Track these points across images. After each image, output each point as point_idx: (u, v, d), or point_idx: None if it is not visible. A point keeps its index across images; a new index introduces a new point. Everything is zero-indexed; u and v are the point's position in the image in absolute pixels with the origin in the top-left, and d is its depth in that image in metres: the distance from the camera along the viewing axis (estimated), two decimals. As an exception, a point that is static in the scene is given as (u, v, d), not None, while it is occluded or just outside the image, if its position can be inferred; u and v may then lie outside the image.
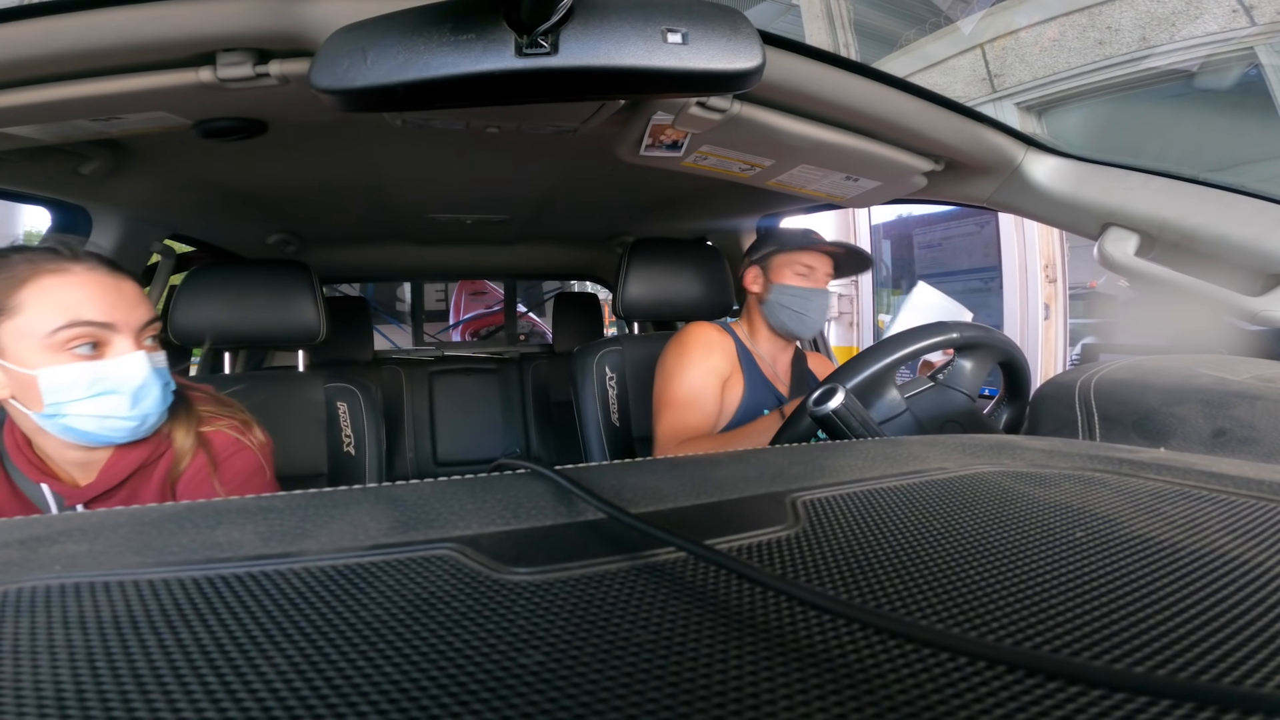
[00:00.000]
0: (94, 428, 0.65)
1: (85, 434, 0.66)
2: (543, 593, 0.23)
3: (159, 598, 0.23)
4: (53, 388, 0.63)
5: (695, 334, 1.20)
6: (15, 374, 0.63)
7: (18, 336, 0.63)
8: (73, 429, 0.65)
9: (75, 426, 0.65)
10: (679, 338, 1.22)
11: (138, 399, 0.66)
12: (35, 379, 0.62)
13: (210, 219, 1.42)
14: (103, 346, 0.65)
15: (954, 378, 0.81)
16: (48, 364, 0.63)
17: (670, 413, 1.15)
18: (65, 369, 0.63)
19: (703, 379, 1.16)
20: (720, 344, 1.19)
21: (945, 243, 4.25)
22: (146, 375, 0.67)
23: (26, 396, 0.64)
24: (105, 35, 0.58)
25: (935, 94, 0.83)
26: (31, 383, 0.63)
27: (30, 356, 0.62)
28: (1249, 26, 3.31)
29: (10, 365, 0.63)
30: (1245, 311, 0.78)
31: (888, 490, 0.36)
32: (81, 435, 0.66)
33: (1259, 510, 0.32)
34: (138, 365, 0.66)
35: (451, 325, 4.33)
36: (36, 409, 0.64)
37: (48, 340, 0.62)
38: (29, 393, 0.63)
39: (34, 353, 0.63)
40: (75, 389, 0.63)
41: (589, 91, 0.48)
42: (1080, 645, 0.20)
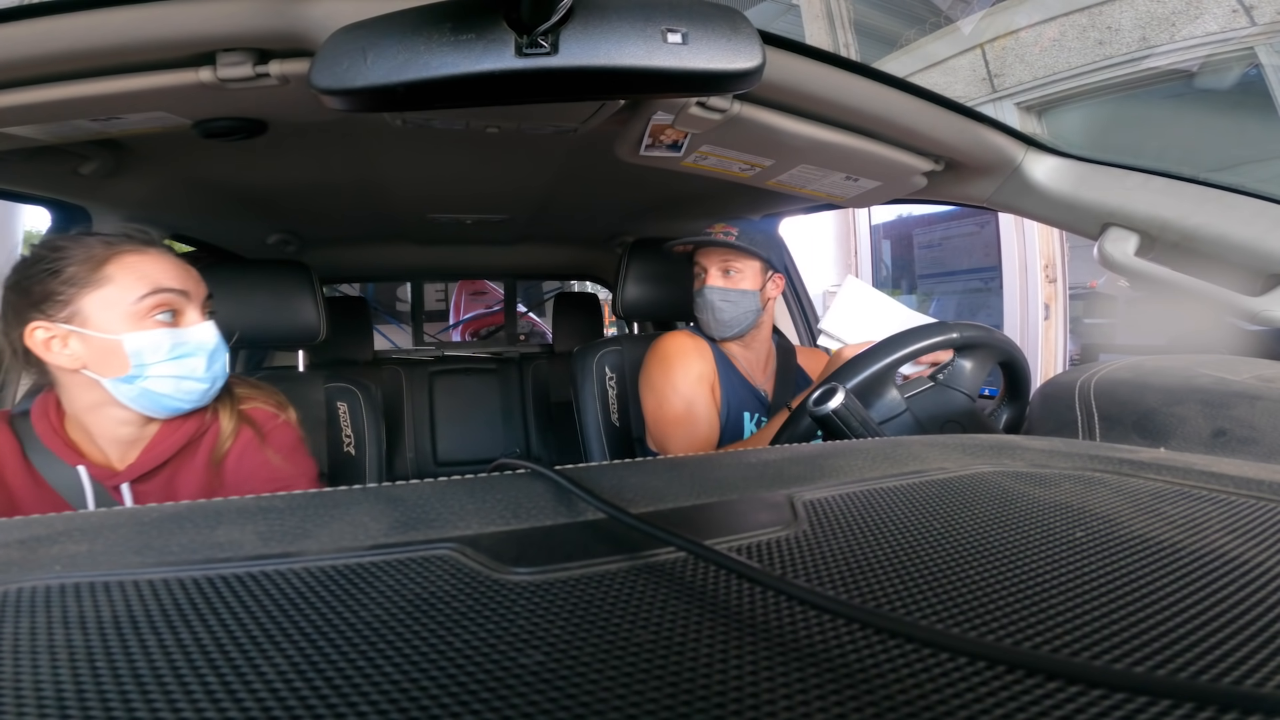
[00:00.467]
0: (171, 389, 0.70)
1: (160, 397, 0.70)
2: (543, 593, 0.23)
3: (159, 598, 0.23)
4: (137, 350, 0.68)
5: (670, 344, 1.17)
6: (97, 342, 0.67)
7: (105, 306, 0.68)
8: (150, 392, 0.70)
9: (153, 389, 0.70)
10: (657, 351, 1.18)
11: (211, 362, 0.73)
12: (120, 343, 0.68)
13: (210, 219, 1.42)
14: (179, 315, 0.71)
15: (954, 378, 0.81)
16: (130, 330, 0.68)
17: (677, 431, 1.12)
18: (149, 334, 0.69)
19: (692, 387, 1.13)
20: (697, 349, 1.16)
21: (945, 243, 4.26)
22: (218, 340, 0.74)
23: (105, 364, 0.68)
24: (105, 35, 0.58)
25: (935, 94, 0.83)
26: (115, 348, 0.68)
27: (114, 324, 0.68)
28: (1249, 26, 3.31)
29: (94, 333, 0.67)
30: (1245, 311, 0.78)
31: (888, 490, 0.36)
32: (155, 399, 0.70)
33: (1259, 510, 0.32)
34: (210, 331, 0.74)
35: (451, 325, 4.32)
36: (118, 373, 0.68)
37: (134, 307, 0.68)
38: (110, 359, 0.68)
39: (118, 321, 0.68)
40: (159, 351, 0.69)
41: (589, 91, 0.48)
42: (1080, 645, 0.20)
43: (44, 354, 0.68)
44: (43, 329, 0.67)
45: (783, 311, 1.75)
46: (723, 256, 1.15)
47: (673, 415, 1.13)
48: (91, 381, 0.69)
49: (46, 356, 0.68)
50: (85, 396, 0.71)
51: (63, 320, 0.67)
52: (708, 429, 1.12)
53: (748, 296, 1.14)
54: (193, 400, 0.73)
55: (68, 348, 0.68)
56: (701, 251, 1.17)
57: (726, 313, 1.14)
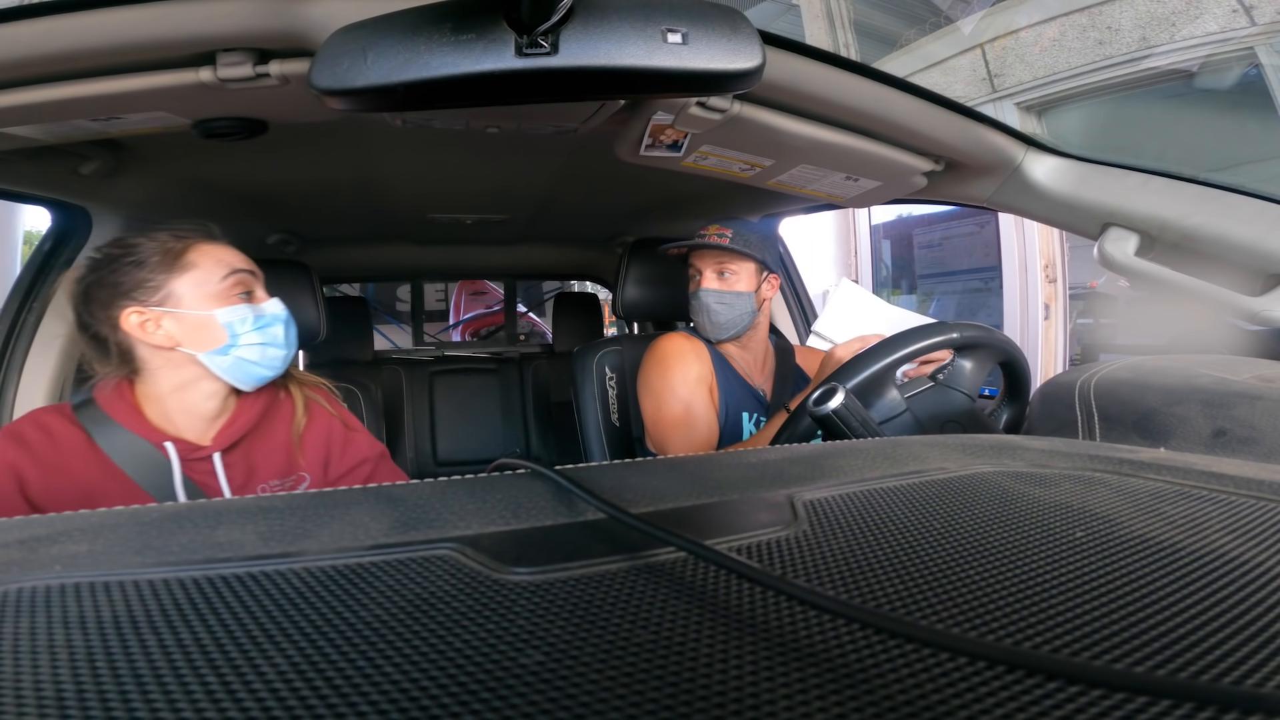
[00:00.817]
0: (258, 356, 0.78)
1: (249, 365, 0.78)
2: (543, 593, 0.23)
3: (159, 598, 0.23)
4: (229, 323, 0.76)
5: (667, 345, 1.17)
6: (191, 319, 0.75)
7: (194, 286, 0.75)
8: (242, 360, 0.77)
9: (245, 357, 0.77)
10: (654, 353, 1.18)
11: (287, 328, 0.82)
12: (214, 317, 0.75)
13: (210, 219, 1.42)
14: (253, 294, 0.80)
15: (954, 378, 0.81)
16: (218, 307, 0.76)
17: (676, 434, 1.12)
18: (235, 309, 0.77)
19: (691, 388, 1.12)
20: (694, 350, 1.16)
21: (945, 243, 4.25)
22: (287, 313, 0.83)
23: (199, 338, 0.75)
24: (105, 35, 0.58)
25: (935, 94, 0.83)
26: (209, 322, 0.75)
27: (204, 303, 0.75)
28: (1249, 26, 3.31)
29: (188, 311, 0.75)
30: (1245, 311, 0.78)
31: (888, 490, 0.36)
32: (245, 368, 0.78)
33: (1259, 510, 0.32)
34: (280, 305, 0.82)
35: (451, 325, 4.32)
36: (214, 345, 0.76)
37: (218, 287, 0.76)
38: (204, 333, 0.75)
39: (206, 300, 0.75)
40: (246, 323, 0.77)
41: (589, 91, 0.48)
42: (1080, 645, 0.20)
43: (140, 335, 0.74)
44: (136, 313, 0.73)
45: (782, 311, 1.75)
46: (717, 258, 1.15)
47: (671, 418, 1.13)
48: (184, 358, 0.76)
49: (142, 337, 0.74)
50: (175, 375, 0.77)
51: (155, 304, 0.74)
52: (707, 431, 1.12)
53: (743, 298, 1.14)
54: (275, 367, 0.80)
55: (161, 328, 0.74)
56: (696, 253, 1.17)
57: (722, 315, 1.14)
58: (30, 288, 1.16)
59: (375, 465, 0.91)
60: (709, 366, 1.16)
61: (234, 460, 0.80)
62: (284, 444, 0.84)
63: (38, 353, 1.16)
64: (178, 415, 0.78)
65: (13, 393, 1.15)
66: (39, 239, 1.23)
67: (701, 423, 1.12)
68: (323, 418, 0.89)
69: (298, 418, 0.86)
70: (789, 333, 1.74)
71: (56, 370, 1.17)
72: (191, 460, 0.77)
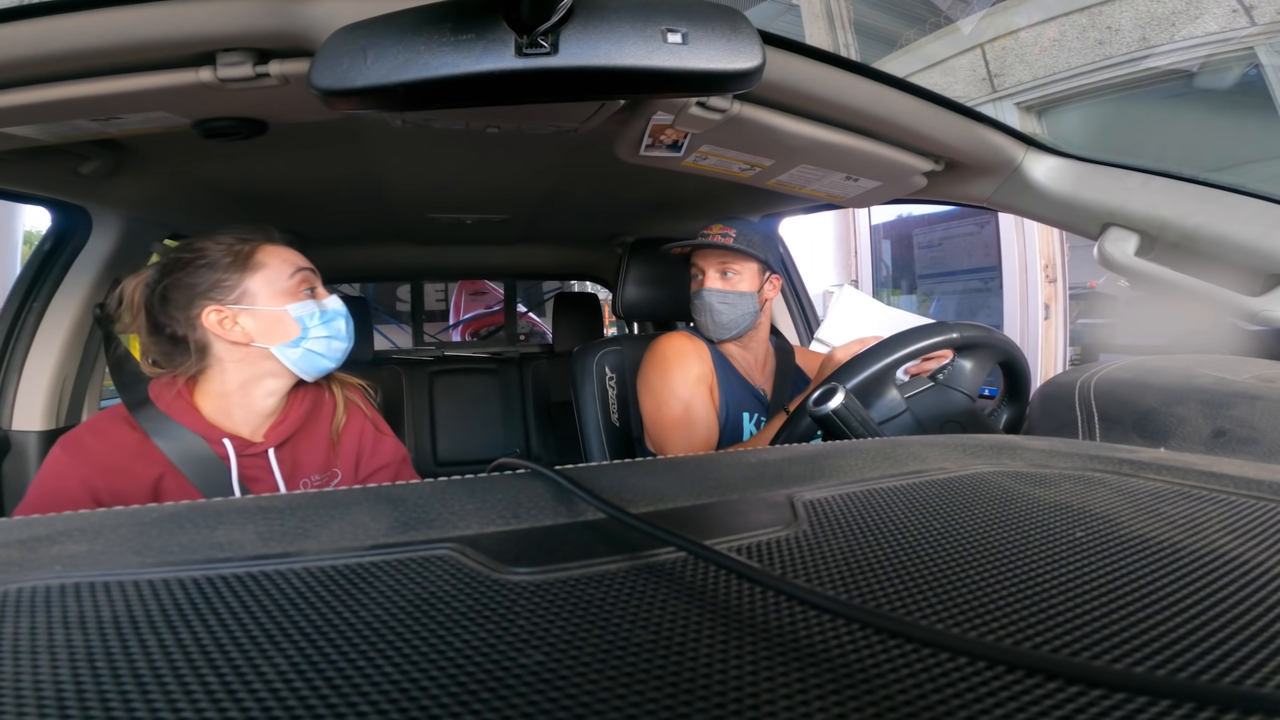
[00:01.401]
0: (324, 349, 0.83)
1: (316, 357, 0.82)
2: (543, 593, 0.23)
3: (159, 598, 0.23)
4: (300, 317, 0.81)
5: (668, 345, 1.16)
6: (266, 315, 0.79)
7: (266, 284, 0.80)
8: (310, 353, 0.82)
9: (313, 350, 0.82)
10: (655, 352, 1.18)
11: (348, 324, 0.87)
12: (287, 312, 0.80)
13: (210, 219, 1.42)
14: (315, 290, 0.84)
15: (954, 378, 0.81)
16: (290, 303, 0.80)
17: (675, 434, 1.11)
18: (303, 304, 0.82)
19: (691, 389, 1.12)
20: (695, 350, 1.15)
21: (945, 243, 4.25)
22: (345, 308, 0.87)
23: (273, 333, 0.80)
24: (105, 35, 0.58)
25: (935, 94, 0.83)
26: (283, 317, 0.80)
27: (276, 299, 0.80)
28: (1249, 26, 3.31)
29: (263, 308, 0.79)
30: (1245, 311, 0.78)
31: (888, 490, 0.36)
32: (312, 360, 0.82)
33: (1259, 510, 0.32)
34: (339, 302, 0.86)
35: (451, 325, 4.32)
36: (286, 339, 0.80)
37: (288, 284, 0.81)
38: (277, 328, 0.80)
39: (278, 296, 0.80)
40: (314, 317, 0.82)
41: (589, 91, 0.48)
42: (1080, 645, 0.20)
43: (219, 332, 0.78)
44: (215, 311, 0.78)
45: (782, 312, 1.75)
46: (720, 258, 1.15)
47: (671, 418, 1.13)
48: (258, 353, 0.80)
49: (220, 334, 0.78)
50: (244, 371, 0.81)
51: (233, 301, 0.78)
52: (706, 431, 1.12)
53: (746, 298, 1.14)
54: (337, 359, 0.85)
55: (238, 324, 0.79)
56: (699, 253, 1.17)
57: (725, 314, 1.14)
58: (30, 288, 1.16)
59: (398, 469, 0.95)
60: (709, 366, 1.16)
61: (283, 456, 0.84)
62: (324, 440, 0.89)
63: (38, 353, 1.16)
64: (237, 411, 0.82)
65: (13, 393, 1.15)
66: (39, 239, 1.23)
67: (701, 423, 1.12)
68: (358, 417, 0.93)
69: (338, 416, 0.91)
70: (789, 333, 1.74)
71: (56, 370, 1.17)
72: (246, 456, 0.81)
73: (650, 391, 1.16)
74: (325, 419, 0.90)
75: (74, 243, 1.17)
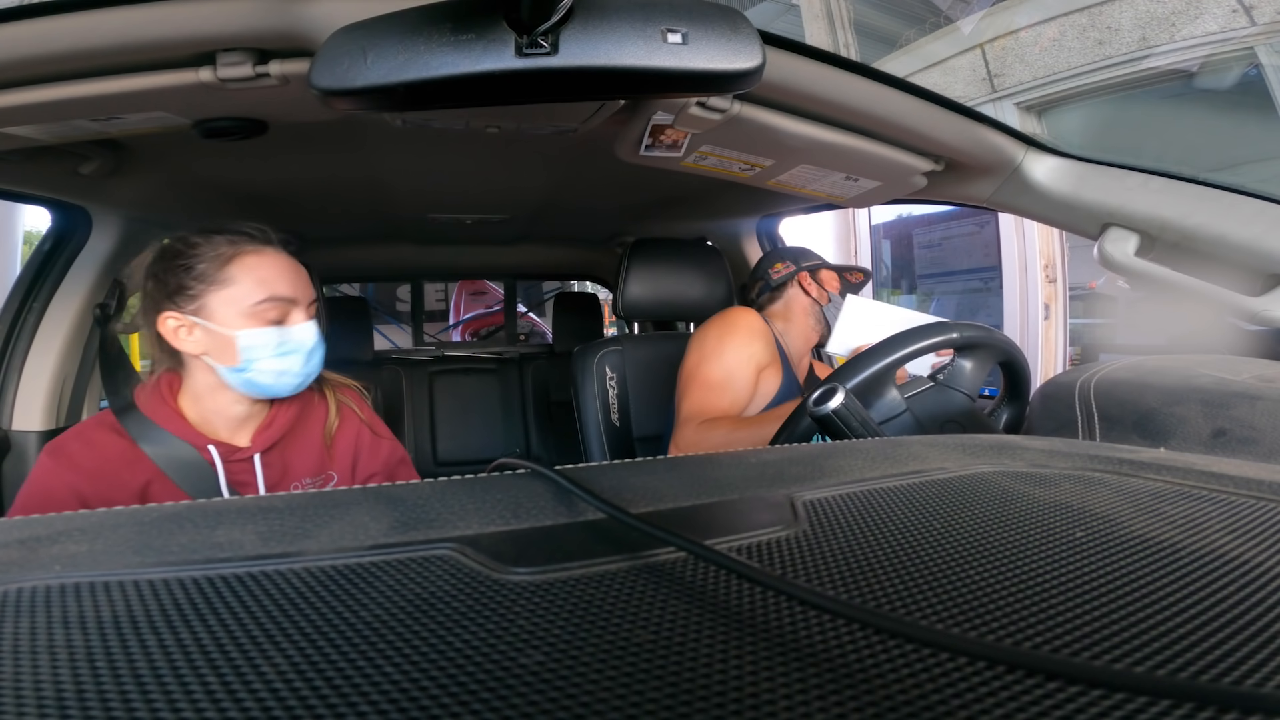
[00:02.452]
0: (270, 381, 0.78)
1: (261, 386, 0.78)
2: (543, 593, 0.23)
3: (159, 598, 0.23)
4: (248, 346, 0.76)
5: (742, 318, 1.22)
6: (217, 335, 0.76)
7: (227, 303, 0.76)
8: (254, 382, 0.78)
9: (256, 380, 0.78)
10: (724, 318, 1.23)
11: (309, 359, 0.81)
12: (235, 338, 0.76)
13: (210, 219, 1.42)
14: (285, 318, 0.79)
15: (954, 378, 0.81)
16: (244, 328, 0.76)
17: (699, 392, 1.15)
18: (259, 332, 0.76)
19: (741, 365, 1.17)
20: (764, 333, 1.21)
21: (945, 243, 4.25)
22: (316, 340, 0.82)
23: (221, 354, 0.77)
24: (105, 35, 0.58)
25: (935, 94, 0.83)
26: (230, 342, 0.76)
27: (231, 320, 0.76)
28: (1249, 26, 3.31)
29: (215, 327, 0.76)
30: (1245, 311, 0.78)
31: (888, 490, 0.36)
32: (257, 388, 0.78)
33: (1259, 510, 0.32)
34: (311, 332, 0.81)
35: (451, 325, 4.32)
36: (229, 364, 0.77)
37: (250, 309, 0.76)
38: (225, 350, 0.76)
39: (235, 318, 0.76)
40: (266, 349, 0.77)
41: (589, 91, 0.48)
42: (1080, 645, 0.20)
43: (173, 340, 0.77)
44: (173, 318, 0.76)
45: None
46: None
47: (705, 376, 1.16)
48: (210, 366, 0.78)
49: (174, 342, 0.77)
50: (207, 378, 0.79)
51: (191, 312, 0.76)
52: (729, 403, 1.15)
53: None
54: (287, 390, 0.81)
55: (193, 335, 0.76)
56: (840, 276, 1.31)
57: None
58: (30, 288, 1.16)
59: (396, 470, 0.94)
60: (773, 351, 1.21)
61: (271, 460, 0.83)
62: (317, 444, 0.87)
63: (38, 353, 1.16)
64: (213, 416, 0.80)
65: (13, 393, 1.15)
66: (39, 239, 1.23)
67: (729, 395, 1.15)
68: (352, 420, 0.92)
69: (330, 419, 0.89)
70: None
71: (56, 370, 1.17)
72: (231, 461, 0.79)
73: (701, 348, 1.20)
74: (317, 422, 0.88)
75: (74, 243, 1.17)
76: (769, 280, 1.32)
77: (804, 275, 1.29)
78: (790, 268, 1.30)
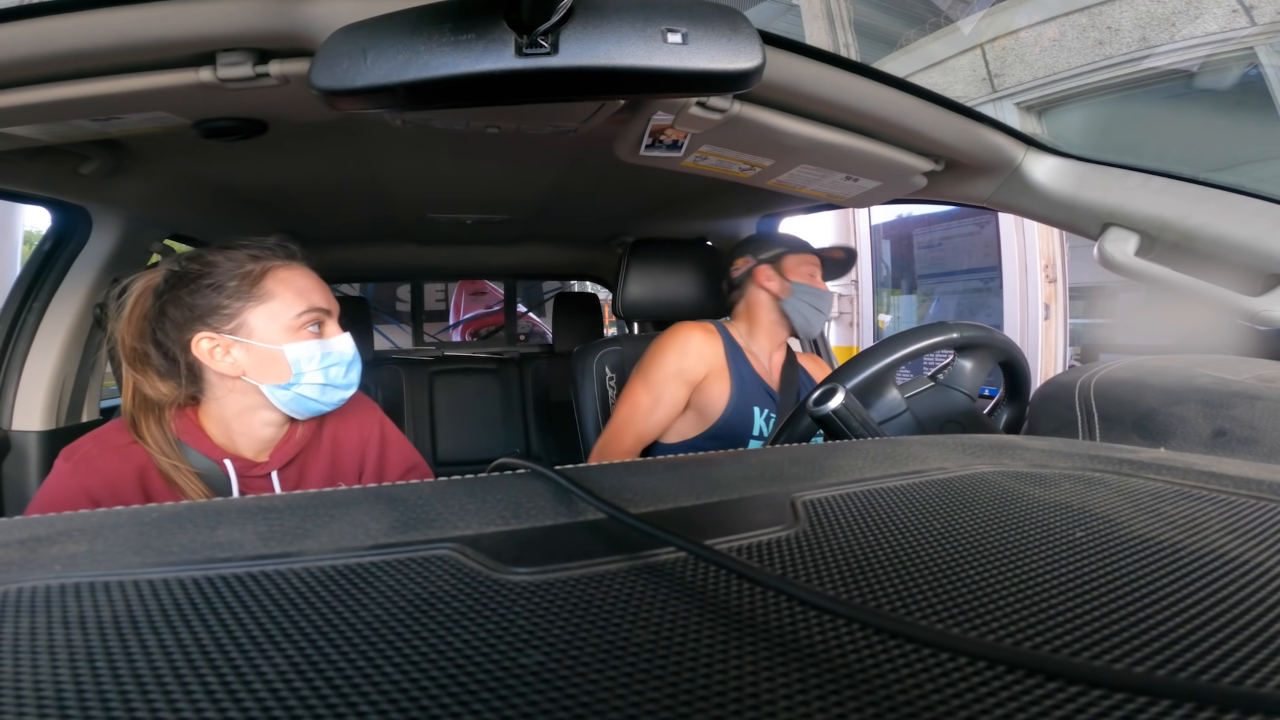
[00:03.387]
0: (317, 394, 0.77)
1: (308, 401, 0.77)
2: (543, 593, 0.23)
3: (159, 598, 0.23)
4: (296, 359, 0.75)
5: (672, 336, 1.20)
6: (261, 352, 0.74)
7: (269, 319, 0.74)
8: (301, 397, 0.76)
9: (304, 394, 0.76)
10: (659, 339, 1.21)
11: (350, 369, 0.80)
12: (283, 353, 0.74)
13: (210, 219, 1.42)
14: (323, 327, 0.78)
15: (954, 378, 0.81)
16: (289, 342, 0.74)
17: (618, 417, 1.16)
18: (305, 345, 0.75)
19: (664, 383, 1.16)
20: (700, 345, 1.18)
21: (945, 243, 4.25)
22: (354, 350, 0.81)
23: (265, 372, 0.75)
24: (105, 35, 0.58)
25: (935, 94, 0.83)
26: (279, 357, 0.74)
27: (276, 336, 0.74)
28: (1249, 26, 3.31)
29: (259, 344, 0.74)
30: (1245, 311, 0.78)
31: (888, 490, 0.36)
32: (304, 403, 0.77)
33: (1259, 510, 0.32)
34: (349, 342, 0.80)
35: (451, 325, 4.32)
36: (277, 381, 0.75)
37: (294, 321, 0.75)
38: (271, 367, 0.75)
39: (279, 333, 0.74)
40: (312, 361, 0.76)
41: (589, 91, 0.48)
42: (1080, 645, 0.20)
43: (208, 361, 0.74)
44: (208, 339, 0.73)
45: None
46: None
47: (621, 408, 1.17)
48: (248, 387, 0.75)
49: (210, 364, 0.74)
50: (240, 401, 0.77)
51: (229, 331, 0.73)
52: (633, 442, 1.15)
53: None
54: (333, 404, 0.80)
55: (230, 356, 0.74)
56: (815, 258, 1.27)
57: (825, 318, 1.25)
58: (30, 288, 1.16)
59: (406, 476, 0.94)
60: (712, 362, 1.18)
61: (288, 474, 0.82)
62: (328, 454, 0.86)
63: (38, 352, 1.16)
64: (239, 438, 0.79)
65: (13, 393, 1.15)
66: (39, 239, 1.23)
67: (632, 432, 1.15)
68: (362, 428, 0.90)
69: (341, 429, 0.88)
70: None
71: (56, 370, 1.17)
72: (248, 477, 0.78)
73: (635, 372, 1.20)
74: (329, 432, 0.88)
75: (74, 243, 1.17)
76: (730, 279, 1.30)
77: (760, 270, 1.24)
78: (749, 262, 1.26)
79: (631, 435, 1.15)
